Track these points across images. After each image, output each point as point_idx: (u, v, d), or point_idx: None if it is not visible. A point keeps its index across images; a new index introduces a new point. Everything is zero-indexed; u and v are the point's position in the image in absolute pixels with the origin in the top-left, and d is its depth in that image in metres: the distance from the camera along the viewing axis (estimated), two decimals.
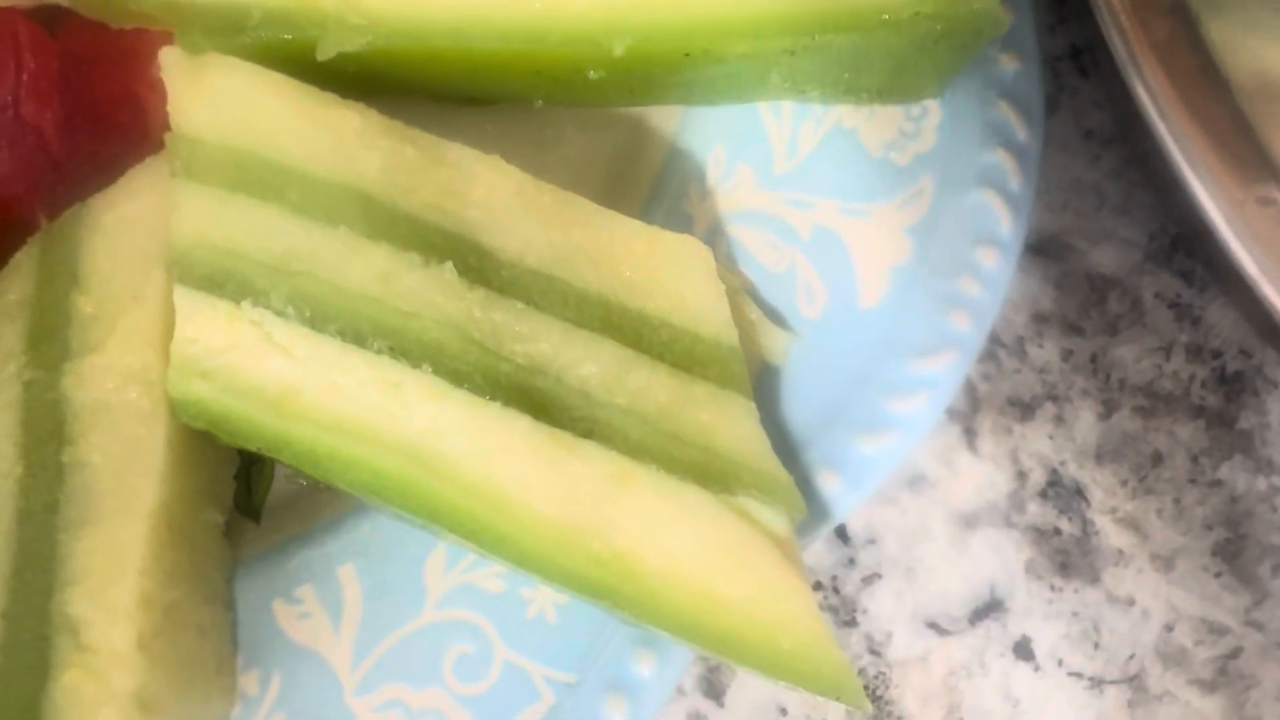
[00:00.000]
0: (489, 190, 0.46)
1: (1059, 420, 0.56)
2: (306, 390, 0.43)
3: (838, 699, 0.39)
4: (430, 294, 0.43)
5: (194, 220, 0.45)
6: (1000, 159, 0.48)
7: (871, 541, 0.56)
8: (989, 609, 0.55)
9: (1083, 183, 0.58)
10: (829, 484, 0.46)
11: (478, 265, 0.44)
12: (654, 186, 0.51)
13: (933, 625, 0.55)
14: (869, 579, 0.55)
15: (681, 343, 0.43)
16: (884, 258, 0.49)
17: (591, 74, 0.48)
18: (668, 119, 0.52)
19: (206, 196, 0.46)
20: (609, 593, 0.40)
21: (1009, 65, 0.49)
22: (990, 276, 0.47)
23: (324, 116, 0.46)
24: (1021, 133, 0.48)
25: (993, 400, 0.56)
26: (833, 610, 0.55)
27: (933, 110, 0.49)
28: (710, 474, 0.41)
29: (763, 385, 0.47)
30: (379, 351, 0.43)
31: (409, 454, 0.41)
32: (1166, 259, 0.57)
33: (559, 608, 0.47)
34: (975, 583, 0.56)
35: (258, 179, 0.46)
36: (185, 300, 0.45)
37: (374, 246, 0.44)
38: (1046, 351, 0.57)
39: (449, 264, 0.44)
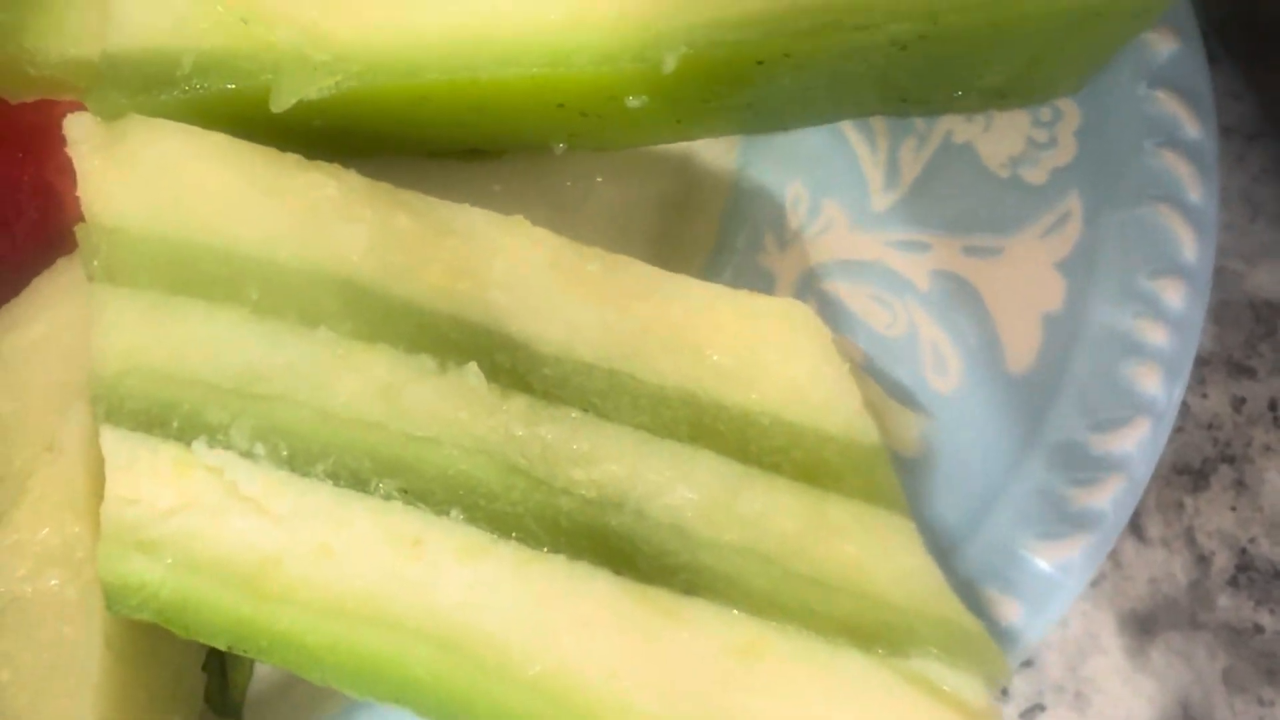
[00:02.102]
0: (514, 262, 0.34)
1: (1240, 486, 0.45)
2: (290, 559, 0.31)
3: None
4: (451, 410, 0.32)
5: (121, 337, 0.34)
6: (1169, 163, 0.37)
7: (1028, 664, 0.44)
8: None
9: (1228, 190, 0.47)
10: (1004, 613, 0.34)
11: (510, 365, 0.33)
12: (719, 240, 0.40)
13: None
14: (1029, 713, 0.43)
15: (803, 446, 0.31)
16: (1032, 304, 0.37)
17: (631, 101, 0.36)
18: (724, 153, 0.41)
19: (135, 304, 0.34)
20: None
21: (1163, 46, 0.38)
22: (1178, 316, 0.36)
23: (286, 185, 0.35)
24: (1192, 128, 0.37)
25: (1155, 471, 0.45)
26: None
27: (1068, 112, 0.39)
28: (870, 631, 0.29)
29: None
30: (388, 496, 0.31)
31: (441, 640, 0.29)
32: None
33: None
34: (1164, 704, 0.43)
35: (203, 275, 0.34)
36: (116, 446, 0.33)
37: (368, 351, 0.33)
38: (1213, 402, 0.45)
39: (472, 365, 0.32)
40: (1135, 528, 0.45)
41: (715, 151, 0.41)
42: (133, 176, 0.35)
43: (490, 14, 0.35)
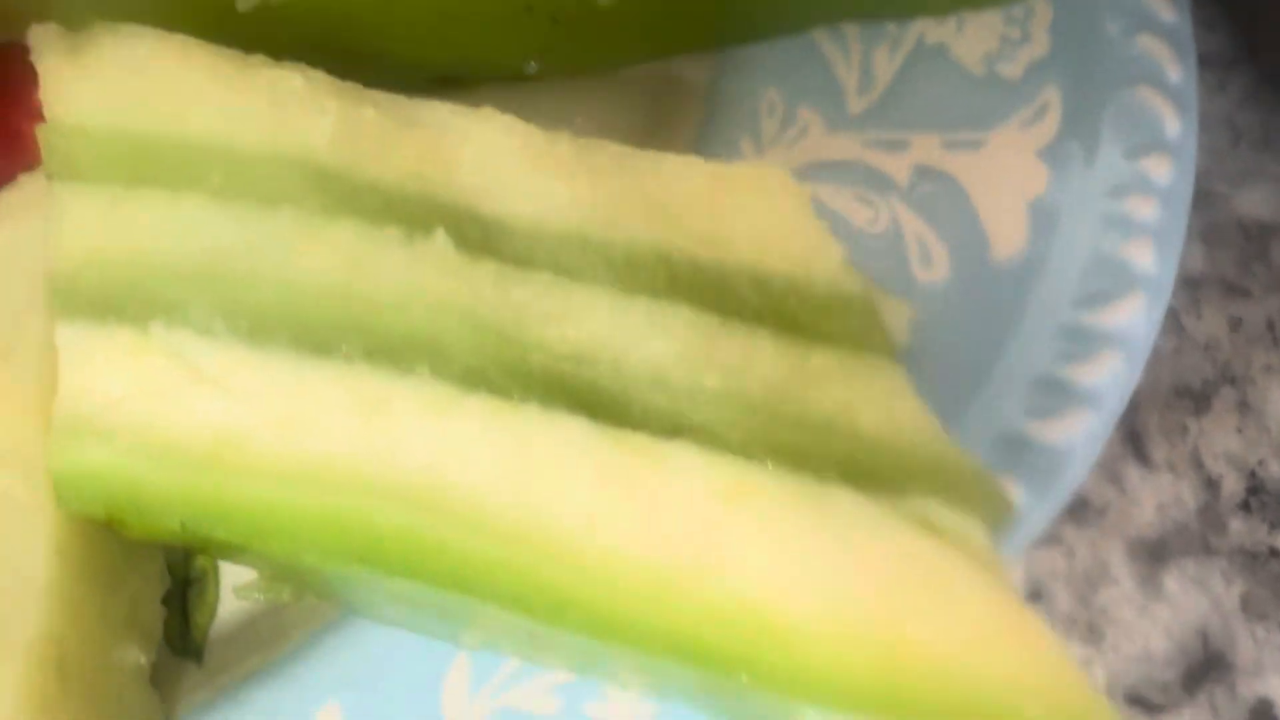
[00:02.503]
0: (483, 147, 0.33)
1: (1244, 408, 0.44)
2: (250, 433, 0.29)
3: None
4: (418, 275, 0.30)
5: (79, 231, 0.33)
6: (1145, 47, 0.37)
7: (1035, 596, 0.42)
8: (1207, 668, 0.41)
9: (1210, 116, 0.46)
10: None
11: (480, 236, 0.31)
12: (695, 151, 0.39)
13: (1138, 700, 0.41)
14: None
15: (784, 296, 0.30)
16: (1016, 193, 0.37)
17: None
18: (697, 71, 0.41)
19: (95, 199, 0.33)
20: (742, 666, 0.26)
21: None
22: (1167, 191, 0.35)
23: (251, 78, 0.34)
24: (1165, 12, 0.37)
25: (1155, 393, 0.44)
26: None
27: (1040, 8, 0.38)
28: (863, 471, 0.28)
29: None
30: (351, 359, 0.30)
31: (411, 497, 0.28)
32: None
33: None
34: (1181, 635, 0.41)
35: (164, 165, 0.33)
36: (71, 340, 0.32)
37: (333, 226, 0.32)
38: (1209, 323, 0.44)
39: (440, 232, 0.31)
40: (1139, 452, 0.43)
41: (688, 69, 0.41)
42: (96, 76, 0.34)
43: None
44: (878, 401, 0.29)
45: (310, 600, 0.36)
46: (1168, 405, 0.43)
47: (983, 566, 0.26)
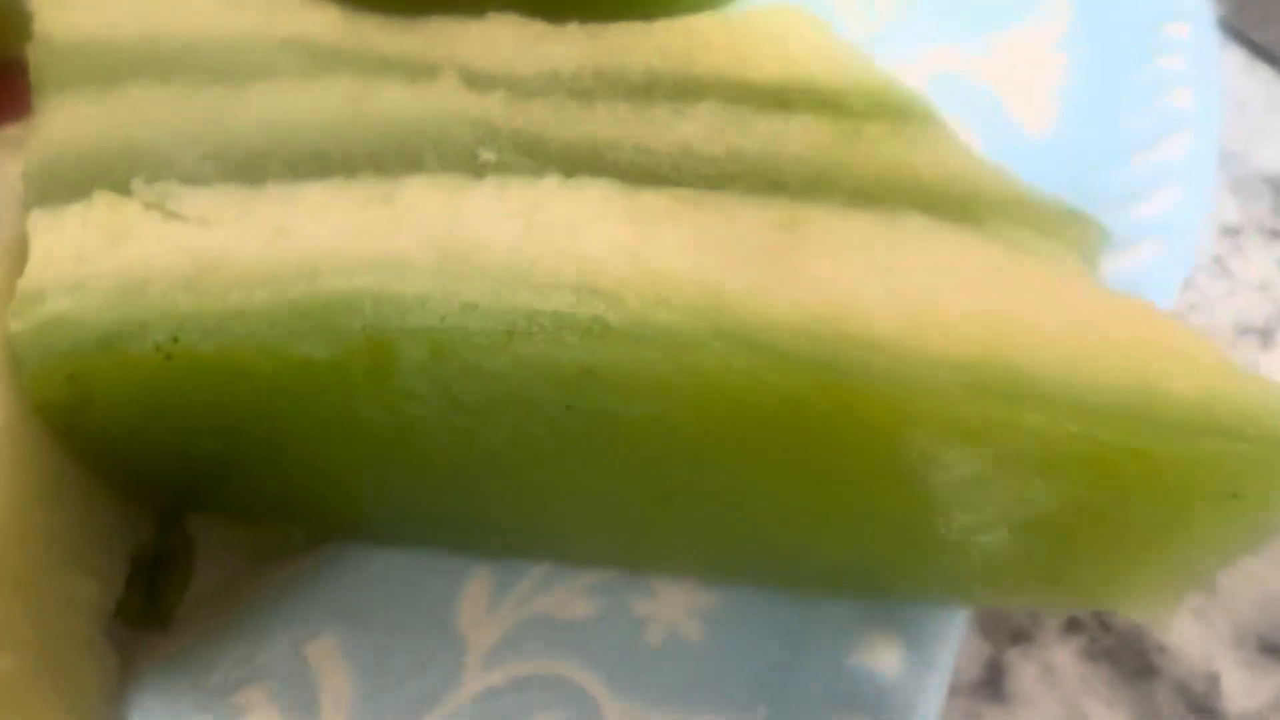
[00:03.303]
0: (489, 32, 0.32)
1: None
2: (240, 248, 0.26)
3: None
4: (424, 102, 0.28)
5: (58, 127, 0.31)
6: None
7: None
8: None
9: None
10: None
11: (488, 76, 0.30)
12: None
13: (1271, 649, 0.35)
14: None
15: (818, 94, 0.28)
16: (1039, 86, 0.35)
17: None
18: None
19: (78, 97, 0.31)
20: (855, 370, 0.21)
21: None
22: (1193, 48, 0.34)
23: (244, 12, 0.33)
24: None
25: (1218, 333, 0.40)
26: (1113, 660, 0.34)
27: None
28: (933, 202, 0.24)
29: None
30: (351, 175, 0.27)
31: (425, 263, 0.24)
32: None
33: (708, 613, 0.27)
34: None
35: (155, 60, 0.32)
36: (42, 218, 0.29)
37: (332, 77, 0.30)
38: (1257, 266, 0.42)
39: (447, 71, 0.29)
40: None
41: None
42: (83, 8, 0.33)
43: None
44: (941, 154, 0.26)
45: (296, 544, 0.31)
46: (1232, 344, 0.40)
47: (1080, 275, 0.23)
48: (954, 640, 0.25)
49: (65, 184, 0.29)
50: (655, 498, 0.24)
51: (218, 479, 0.30)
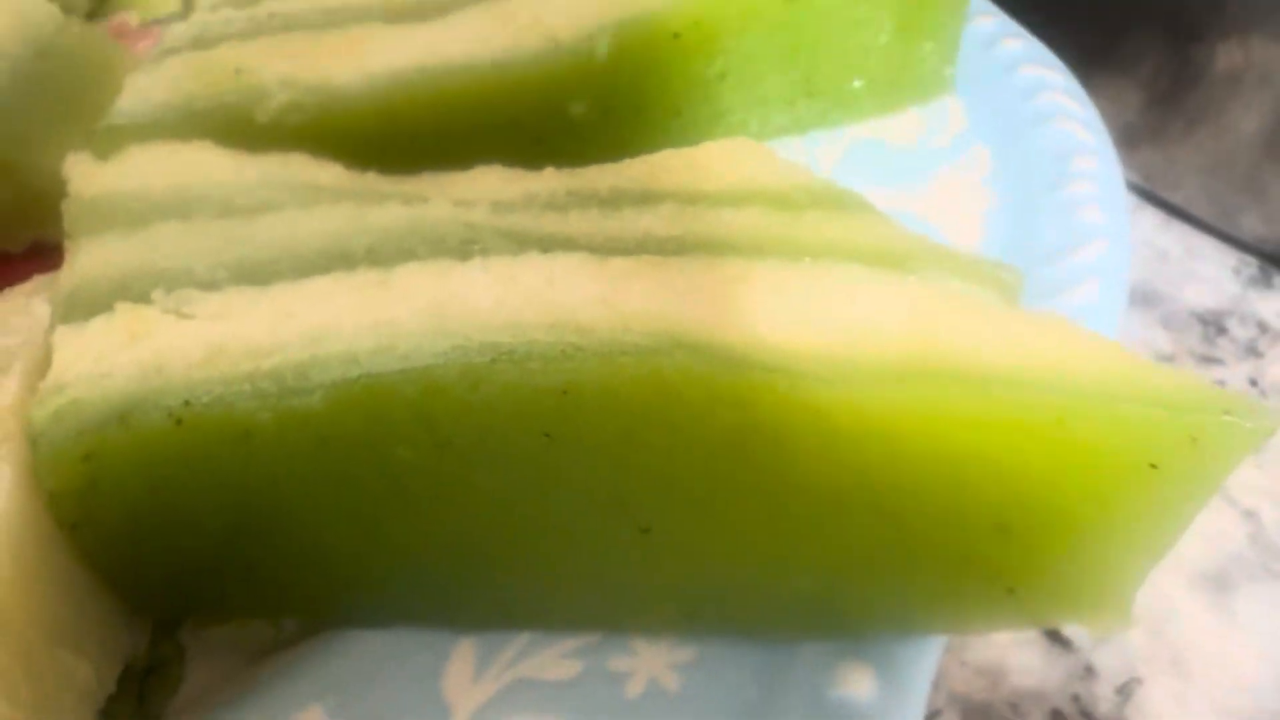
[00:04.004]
0: (476, 179, 0.36)
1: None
2: (250, 334, 0.29)
3: (1228, 419, 0.22)
4: (419, 214, 0.32)
5: (87, 260, 0.34)
6: (1052, 99, 0.42)
7: (1102, 640, 0.37)
8: None
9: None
10: None
11: (475, 203, 0.33)
12: None
13: None
14: (1125, 687, 0.36)
15: (767, 196, 0.32)
16: (967, 213, 0.40)
17: (574, 108, 0.41)
18: None
19: (104, 236, 0.35)
20: (797, 373, 0.23)
21: (1012, 44, 0.45)
22: (1100, 175, 0.38)
23: (263, 158, 0.38)
24: (1059, 76, 0.43)
25: None
26: None
27: (950, 102, 0.44)
28: (868, 255, 0.27)
29: None
30: (351, 269, 0.30)
31: (423, 315, 0.27)
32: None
33: (681, 668, 0.28)
34: (1276, 655, 0.37)
35: (179, 204, 0.35)
36: (66, 333, 0.32)
37: (335, 205, 0.33)
38: None
39: (438, 198, 0.33)
40: None
41: None
42: (116, 165, 0.38)
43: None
44: (875, 227, 0.29)
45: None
46: None
47: (1002, 305, 0.25)
48: (929, 665, 0.26)
49: (90, 303, 0.32)
50: (633, 530, 0.26)
51: (216, 571, 0.31)
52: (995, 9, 0.48)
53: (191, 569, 0.31)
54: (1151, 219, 0.52)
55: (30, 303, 0.37)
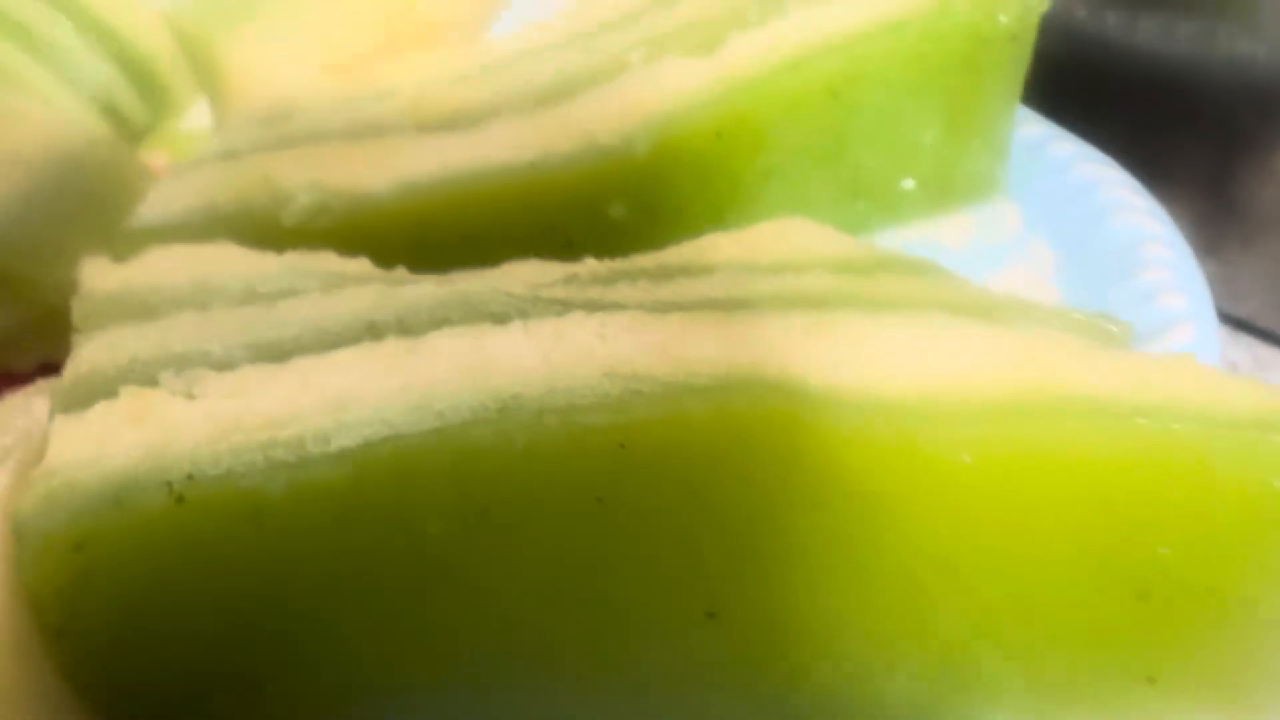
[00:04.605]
0: (510, 273, 0.34)
1: None
2: (266, 406, 0.26)
3: None
4: (452, 288, 0.29)
5: (92, 351, 0.32)
6: (1110, 195, 0.40)
7: None
8: None
9: None
10: None
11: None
12: None
13: None
14: None
15: (829, 263, 0.29)
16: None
17: (612, 209, 0.40)
18: None
19: (117, 331, 0.33)
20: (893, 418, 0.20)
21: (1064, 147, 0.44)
22: (1174, 263, 0.36)
23: (288, 254, 0.36)
24: (1117, 172, 0.41)
25: None
26: None
27: (1004, 205, 0.43)
28: (957, 308, 0.25)
29: None
30: (379, 338, 0.27)
31: (459, 377, 0.24)
32: None
33: None
34: None
35: (196, 296, 0.33)
36: (64, 422, 0.29)
37: (362, 286, 0.31)
38: None
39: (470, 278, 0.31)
40: None
41: None
42: (130, 267, 0.36)
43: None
44: (956, 286, 0.26)
45: None
46: None
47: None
48: None
49: (91, 391, 0.30)
50: (697, 616, 0.22)
51: (217, 687, 0.27)
52: (1039, 117, 0.46)
53: (189, 685, 0.27)
54: (1219, 333, 0.49)
55: (31, 402, 0.35)
